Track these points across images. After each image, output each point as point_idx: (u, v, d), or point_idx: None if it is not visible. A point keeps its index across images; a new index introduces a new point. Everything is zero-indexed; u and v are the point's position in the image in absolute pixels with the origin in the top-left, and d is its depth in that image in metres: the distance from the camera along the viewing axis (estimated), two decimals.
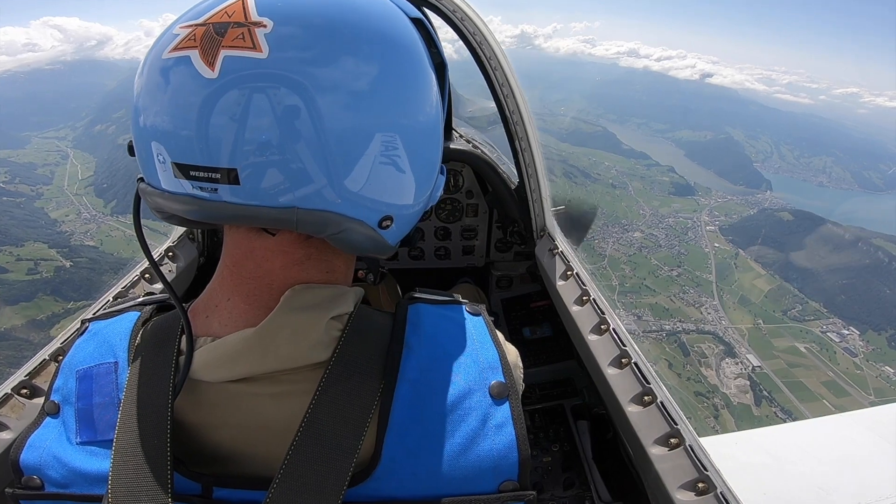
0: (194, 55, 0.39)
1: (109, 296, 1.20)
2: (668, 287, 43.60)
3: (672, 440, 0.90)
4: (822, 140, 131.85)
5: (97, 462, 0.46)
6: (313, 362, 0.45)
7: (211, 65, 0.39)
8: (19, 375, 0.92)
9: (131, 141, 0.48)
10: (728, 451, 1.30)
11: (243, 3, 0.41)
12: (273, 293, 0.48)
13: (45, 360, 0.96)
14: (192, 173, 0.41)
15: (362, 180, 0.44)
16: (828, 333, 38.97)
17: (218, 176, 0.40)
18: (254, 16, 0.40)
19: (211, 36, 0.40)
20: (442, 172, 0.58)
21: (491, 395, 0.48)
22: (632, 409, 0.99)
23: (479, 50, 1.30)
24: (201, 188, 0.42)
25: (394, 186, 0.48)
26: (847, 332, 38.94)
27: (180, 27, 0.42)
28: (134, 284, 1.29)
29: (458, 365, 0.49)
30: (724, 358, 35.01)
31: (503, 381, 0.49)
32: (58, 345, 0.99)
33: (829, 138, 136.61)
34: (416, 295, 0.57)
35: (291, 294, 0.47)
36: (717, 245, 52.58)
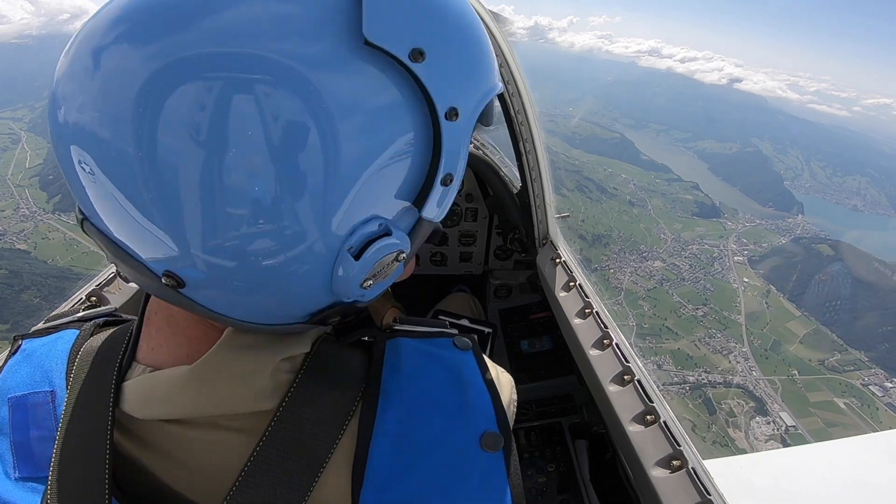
0: None
1: (82, 294, 1.27)
2: (693, 329, 43.66)
3: (674, 462, 0.98)
4: (854, 157, 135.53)
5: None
6: (258, 410, 0.45)
7: None
8: None
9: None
10: (733, 475, 1.39)
11: None
12: None
13: None
14: None
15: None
16: (869, 387, 39.40)
17: None
18: None
19: None
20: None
21: (483, 448, 0.48)
22: (633, 429, 1.07)
23: None
24: None
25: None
26: (891, 385, 39.35)
27: None
28: (109, 282, 1.35)
29: (444, 414, 0.49)
30: (755, 416, 35.02)
31: (496, 431, 0.49)
32: None
33: (863, 156, 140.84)
34: (397, 327, 0.58)
35: (235, 329, 0.46)
36: (746, 280, 53.64)
